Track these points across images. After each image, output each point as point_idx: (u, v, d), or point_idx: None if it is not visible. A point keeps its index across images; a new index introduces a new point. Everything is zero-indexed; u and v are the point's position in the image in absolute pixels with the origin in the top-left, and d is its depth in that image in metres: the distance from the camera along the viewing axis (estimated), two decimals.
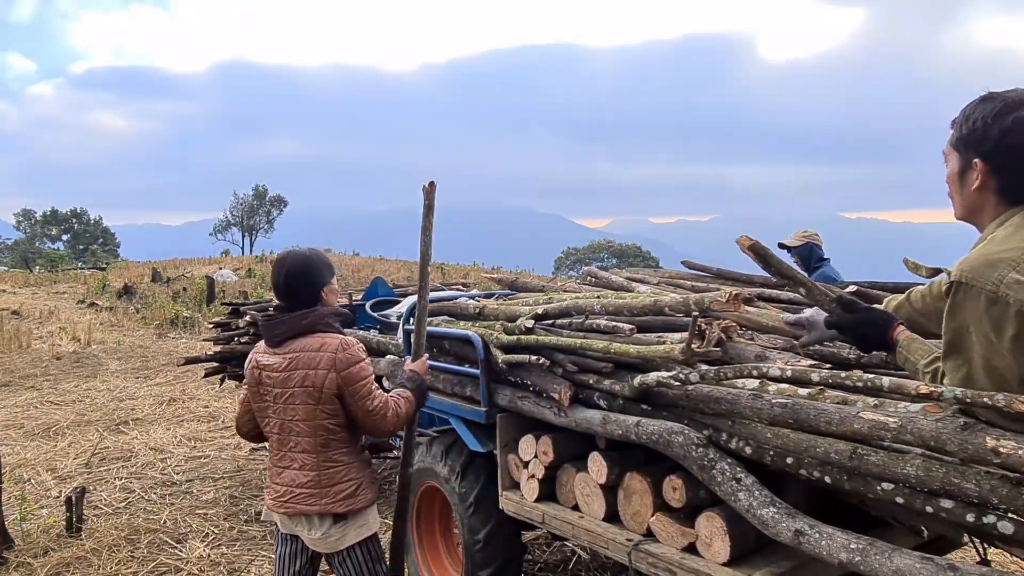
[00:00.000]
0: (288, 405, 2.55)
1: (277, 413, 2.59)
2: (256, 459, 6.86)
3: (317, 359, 2.49)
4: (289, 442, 2.59)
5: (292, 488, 2.58)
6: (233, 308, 6.18)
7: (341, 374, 2.49)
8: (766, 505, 2.00)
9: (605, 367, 2.60)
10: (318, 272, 2.61)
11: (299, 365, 2.51)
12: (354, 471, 2.60)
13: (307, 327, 2.53)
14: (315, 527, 2.58)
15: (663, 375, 2.25)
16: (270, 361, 2.58)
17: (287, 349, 2.54)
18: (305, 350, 2.51)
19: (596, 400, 2.64)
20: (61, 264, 37.30)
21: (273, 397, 2.58)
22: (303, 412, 2.53)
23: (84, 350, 13.87)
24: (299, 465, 2.57)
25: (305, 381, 2.50)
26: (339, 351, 2.50)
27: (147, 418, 8.62)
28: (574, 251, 65.47)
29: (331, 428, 2.54)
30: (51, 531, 4.99)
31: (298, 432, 2.56)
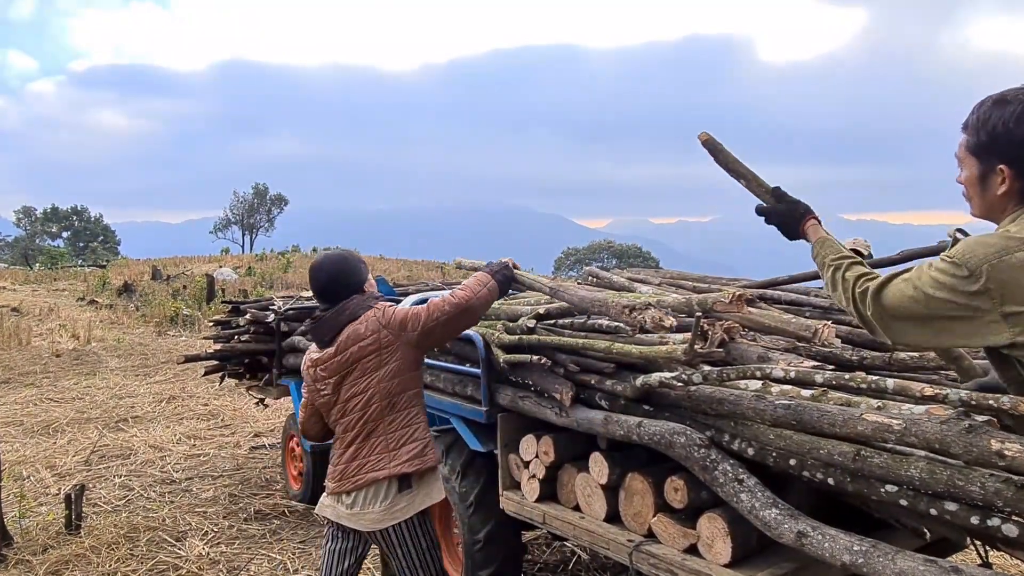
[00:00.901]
0: (350, 385, 2.60)
1: (339, 403, 2.64)
2: (255, 458, 6.86)
3: (362, 330, 2.57)
4: (351, 423, 2.63)
5: (360, 460, 2.61)
6: (233, 306, 6.15)
7: (390, 325, 2.56)
8: (768, 507, 1.99)
9: (607, 367, 2.60)
10: (355, 271, 2.69)
11: (349, 344, 2.58)
12: (420, 431, 2.66)
13: (350, 316, 2.60)
14: (381, 497, 2.59)
15: (666, 376, 2.25)
16: (321, 355, 2.65)
17: (336, 342, 2.61)
18: (351, 333, 2.59)
19: (598, 400, 2.63)
20: (61, 261, 37.31)
21: (333, 386, 2.63)
22: (365, 384, 2.58)
23: (84, 347, 13.87)
24: (365, 435, 2.61)
25: (360, 353, 2.57)
26: (377, 313, 2.60)
27: (147, 416, 8.61)
28: (574, 251, 65.45)
29: (393, 390, 2.60)
30: (50, 528, 4.98)
31: (362, 406, 2.60)
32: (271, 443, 7.28)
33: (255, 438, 7.56)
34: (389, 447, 2.59)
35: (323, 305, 2.70)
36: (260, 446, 7.22)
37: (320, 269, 2.67)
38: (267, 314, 5.57)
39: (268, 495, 5.75)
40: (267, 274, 27.50)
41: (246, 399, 8.97)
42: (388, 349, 2.57)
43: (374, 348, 2.56)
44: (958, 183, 1.95)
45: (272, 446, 7.18)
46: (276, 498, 5.64)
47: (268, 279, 26.28)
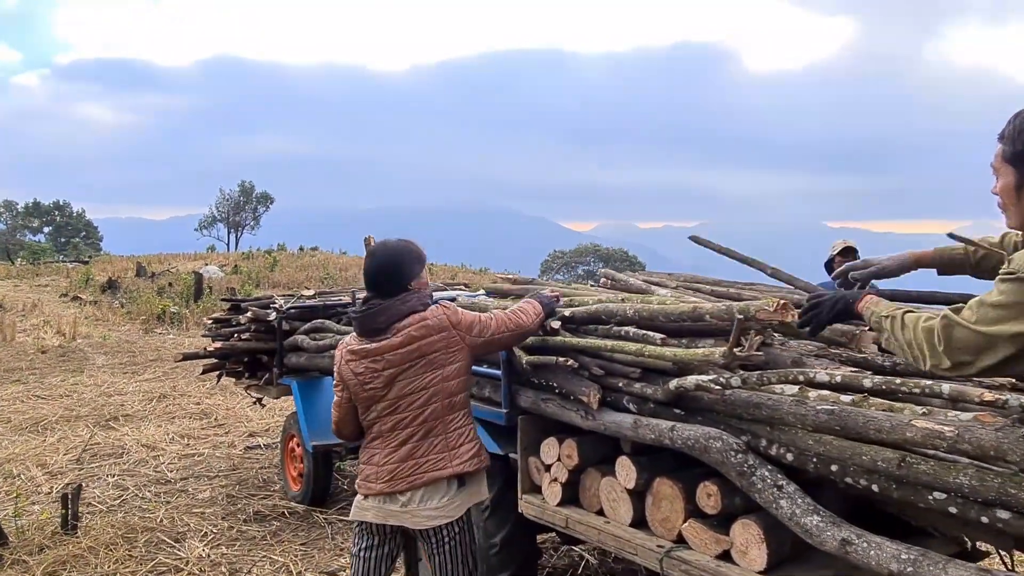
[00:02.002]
0: (410, 379, 2.57)
1: (395, 394, 2.60)
2: (251, 458, 6.78)
3: (432, 323, 2.57)
4: (403, 422, 2.60)
5: (416, 460, 2.59)
6: (233, 304, 6.08)
7: (460, 326, 2.60)
8: (809, 513, 1.97)
9: (633, 371, 2.57)
10: (407, 265, 2.66)
11: (414, 339, 2.56)
12: (474, 432, 2.72)
13: (411, 308, 2.59)
14: (440, 495, 2.60)
15: (703, 379, 2.22)
16: (374, 345, 2.59)
17: (394, 332, 2.57)
18: (415, 325, 2.57)
19: (625, 404, 2.60)
20: (43, 257, 36.82)
21: (387, 380, 2.58)
22: (428, 380, 2.58)
23: (69, 344, 13.68)
24: (423, 435, 2.60)
25: (428, 348, 2.56)
26: (447, 312, 2.61)
27: (137, 414, 8.50)
28: (561, 254, 65.44)
29: (454, 390, 2.62)
30: (46, 528, 4.88)
31: (420, 405, 2.59)
32: (267, 443, 7.20)
33: (250, 438, 7.47)
34: (449, 446, 2.61)
35: (371, 293, 2.67)
36: (256, 446, 7.14)
37: (373, 257, 2.68)
38: (269, 312, 5.50)
39: (267, 496, 5.67)
40: (254, 272, 27.26)
41: (239, 398, 8.87)
42: (454, 349, 2.59)
43: (442, 345, 2.57)
44: (993, 193, 1.95)
45: (268, 446, 7.10)
46: (275, 499, 5.57)
47: (255, 278, 26.05)
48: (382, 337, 2.58)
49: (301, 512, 5.31)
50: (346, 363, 2.66)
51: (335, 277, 27.27)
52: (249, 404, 8.54)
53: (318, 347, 4.93)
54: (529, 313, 2.80)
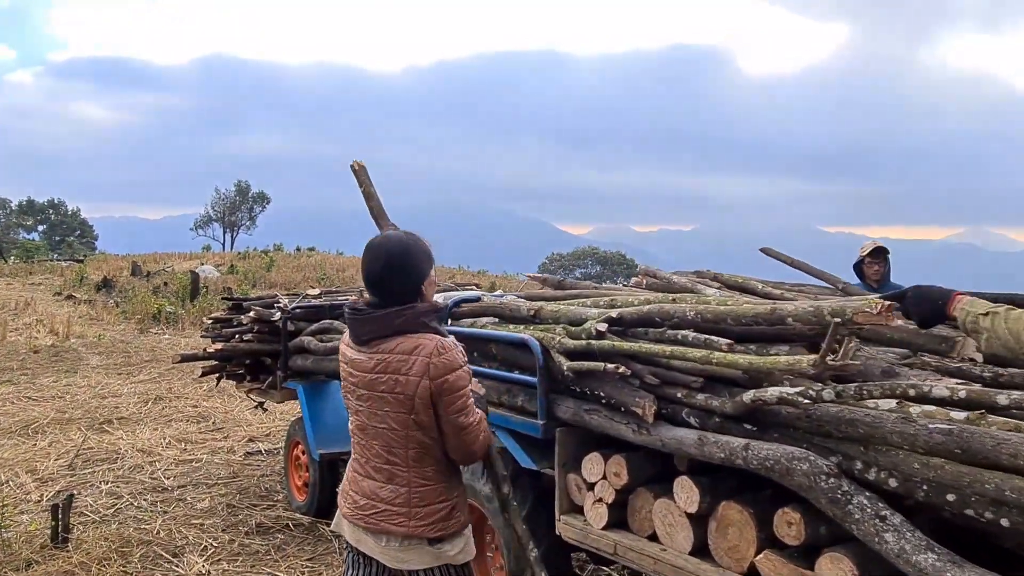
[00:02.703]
0: (376, 411, 2.23)
1: (362, 415, 2.28)
2: (252, 464, 6.48)
3: (410, 363, 2.15)
4: (373, 449, 2.27)
5: (375, 502, 2.25)
6: (235, 303, 5.78)
7: (435, 382, 2.14)
8: (922, 550, 1.69)
9: (695, 380, 2.29)
10: (417, 264, 2.25)
11: (389, 368, 2.18)
12: (448, 491, 2.27)
13: (400, 327, 2.19)
14: (397, 546, 2.25)
15: (787, 391, 1.94)
16: (356, 357, 2.26)
17: (375, 349, 2.21)
18: (396, 352, 2.17)
19: (684, 417, 2.32)
20: (36, 255, 36.40)
21: (357, 397, 2.28)
22: (394, 420, 2.20)
23: (63, 344, 13.34)
24: (386, 477, 2.24)
25: (396, 388, 2.17)
26: (434, 355, 2.15)
27: (132, 417, 8.18)
28: (559, 256, 65.30)
29: (425, 442, 2.21)
30: (34, 541, 4.57)
31: (387, 441, 2.23)
32: (267, 448, 6.90)
33: (249, 443, 7.17)
34: (411, 502, 2.22)
35: (371, 295, 2.29)
36: (256, 451, 6.83)
37: (375, 254, 2.24)
38: (273, 312, 5.22)
39: (270, 506, 5.37)
40: (250, 272, 26.92)
41: (238, 400, 8.57)
42: (423, 401, 2.16)
43: (410, 390, 2.15)
44: None
45: (269, 452, 6.80)
46: (278, 510, 5.27)
47: (251, 277, 25.72)
48: (363, 350, 2.24)
49: (307, 524, 5.01)
50: (341, 361, 2.36)
51: (332, 277, 26.95)
52: (249, 407, 8.24)
53: (326, 349, 4.65)
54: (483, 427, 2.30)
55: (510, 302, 3.18)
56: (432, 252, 2.32)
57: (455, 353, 2.19)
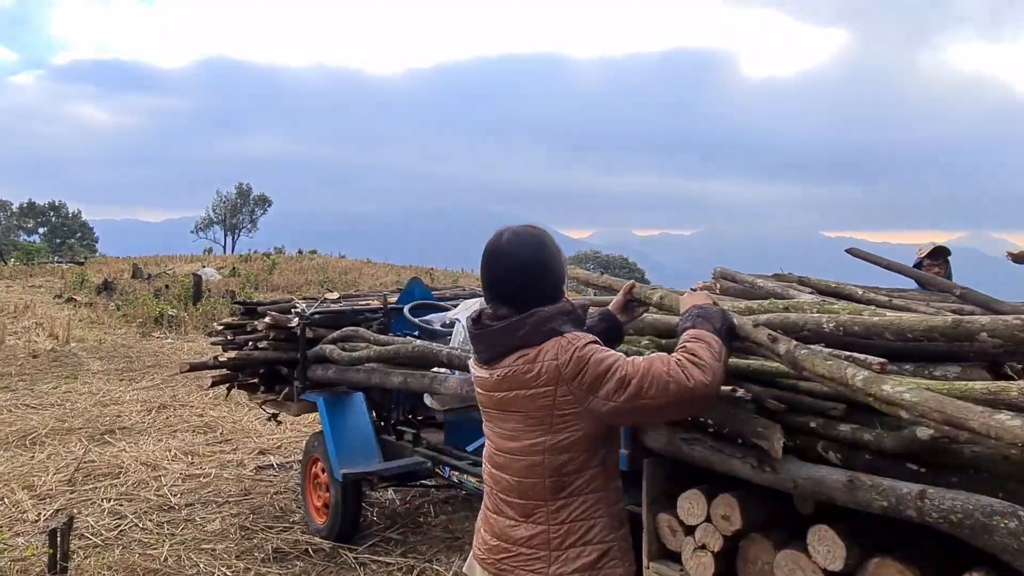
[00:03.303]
0: (505, 434, 1.86)
1: (491, 440, 1.92)
2: (264, 480, 6.06)
3: (535, 372, 1.76)
4: (504, 479, 1.88)
5: (507, 544, 1.85)
6: (248, 308, 5.37)
7: (574, 383, 1.74)
8: None
9: (835, 407, 1.88)
10: (550, 266, 1.87)
11: (515, 383, 1.80)
12: (598, 531, 1.84)
13: (525, 339, 1.80)
14: None
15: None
16: (480, 374, 1.91)
17: (495, 366, 1.84)
18: (519, 362, 1.79)
19: (821, 452, 1.91)
20: (37, 257, 35.99)
21: (487, 419, 1.93)
22: (527, 444, 1.81)
23: (62, 348, 12.93)
24: (520, 513, 1.84)
25: (525, 406, 1.79)
26: (560, 354, 1.75)
27: (135, 427, 7.77)
28: None
29: (568, 468, 1.81)
30: (31, 569, 4.16)
31: (518, 470, 1.84)
32: (279, 462, 6.49)
33: (260, 456, 6.75)
34: (551, 544, 1.80)
35: (490, 303, 1.90)
36: (268, 465, 6.42)
37: (496, 257, 1.87)
38: (290, 318, 4.80)
39: (286, 528, 4.95)
40: (252, 275, 26.53)
41: (246, 409, 8.16)
42: (564, 412, 1.77)
43: (546, 403, 1.76)
44: None
45: (281, 466, 6.39)
46: (296, 533, 4.85)
47: (253, 280, 25.33)
48: (488, 369, 1.87)
49: (327, 550, 4.58)
50: (471, 371, 2.00)
51: (335, 280, 26.58)
52: (258, 417, 7.82)
53: (351, 359, 4.23)
54: (703, 359, 1.74)
55: None
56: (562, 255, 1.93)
57: (580, 341, 1.78)
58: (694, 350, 1.77)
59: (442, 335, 4.76)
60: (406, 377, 3.74)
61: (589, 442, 1.82)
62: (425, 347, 3.57)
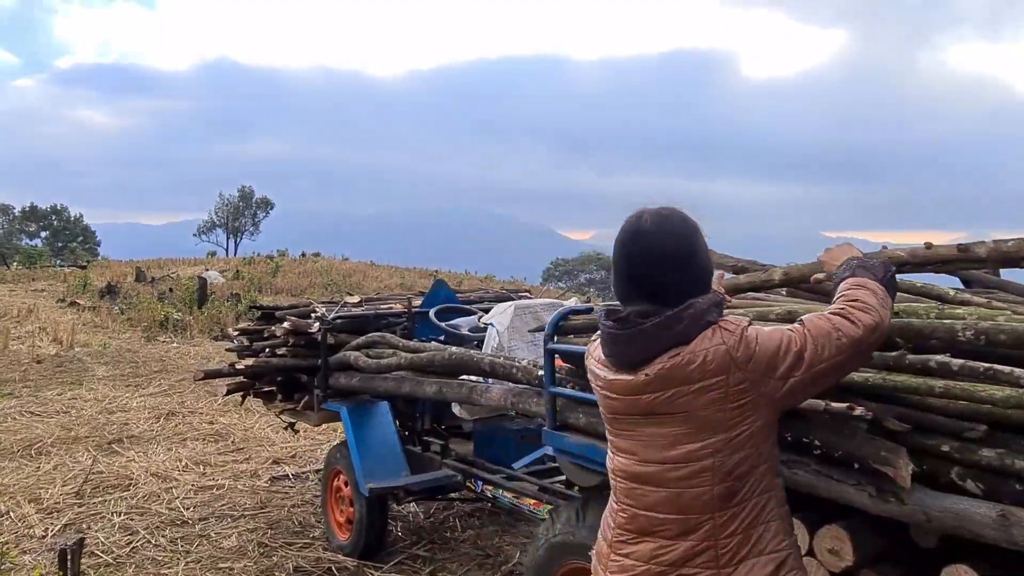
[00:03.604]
0: (655, 443, 1.60)
1: (629, 451, 1.66)
2: (279, 491, 5.81)
3: (700, 364, 1.53)
4: (651, 495, 1.62)
5: (659, 569, 1.59)
6: (264, 312, 5.12)
7: (749, 367, 1.52)
8: None
9: (975, 429, 1.63)
10: (700, 253, 1.64)
11: (673, 381, 1.55)
12: (774, 535, 1.59)
13: (680, 336, 1.56)
14: None
15: None
16: (615, 377, 1.65)
17: (644, 367, 1.59)
18: (674, 359, 1.55)
19: (957, 480, 1.66)
20: (39, 261, 35.82)
21: (621, 427, 1.67)
22: (690, 451, 1.56)
23: (67, 353, 12.68)
24: (677, 531, 1.58)
25: (688, 405, 1.55)
26: (727, 338, 1.53)
27: (144, 435, 7.52)
28: (563, 262, 64.74)
29: (740, 470, 1.57)
30: None
31: (677, 480, 1.58)
32: (295, 472, 6.24)
33: (274, 465, 6.51)
34: (719, 561, 1.55)
35: (625, 299, 1.65)
36: (283, 476, 6.17)
37: (634, 242, 1.63)
38: (311, 323, 4.56)
39: (306, 545, 4.70)
40: (255, 278, 26.35)
41: (257, 415, 7.92)
42: (739, 402, 1.53)
43: (716, 397, 1.53)
44: None
45: (297, 476, 6.14)
46: (317, 550, 4.60)
47: (257, 283, 25.15)
48: (629, 372, 1.62)
49: (352, 568, 4.33)
50: (591, 374, 1.76)
51: (339, 283, 26.40)
52: (271, 424, 7.60)
53: (378, 367, 3.99)
54: (867, 302, 1.59)
55: None
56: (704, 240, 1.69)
57: (738, 320, 1.59)
58: (856, 296, 1.61)
59: (470, 340, 4.53)
60: (441, 386, 3.49)
61: (762, 435, 1.59)
62: (464, 354, 3.32)
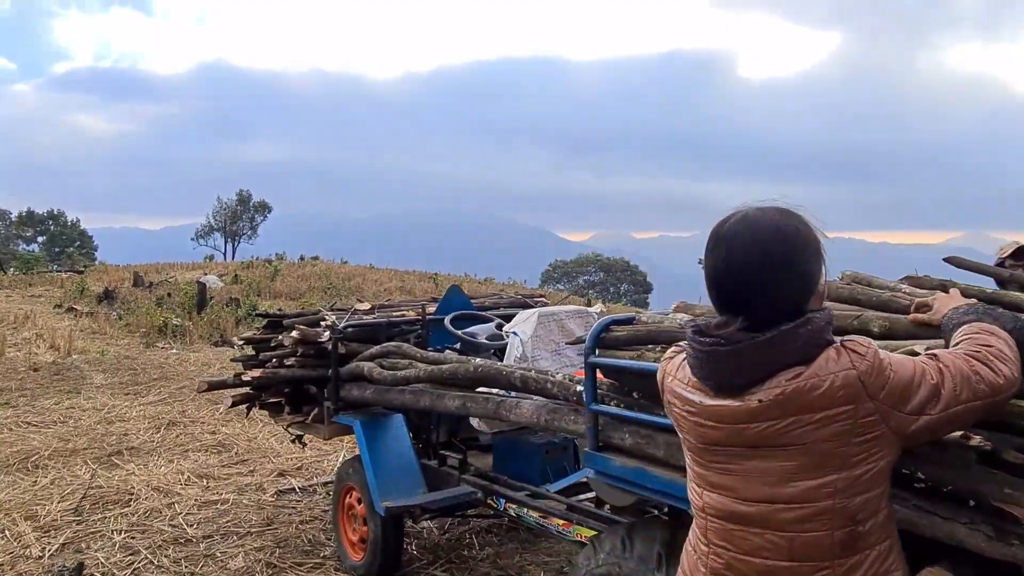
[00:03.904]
0: (761, 479, 1.38)
1: (726, 487, 1.43)
2: (286, 506, 5.58)
3: (826, 391, 1.31)
4: (755, 540, 1.40)
5: None
6: (270, 320, 4.88)
7: (881, 397, 1.31)
8: None
9: None
10: (805, 264, 1.39)
11: (790, 410, 1.33)
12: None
13: (797, 355, 1.34)
14: None
15: None
16: (710, 402, 1.42)
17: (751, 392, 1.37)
18: (793, 382, 1.33)
19: None
20: (36, 266, 35.55)
21: (717, 460, 1.44)
22: (807, 489, 1.34)
23: (64, 360, 12.44)
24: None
25: (807, 436, 1.33)
26: (856, 361, 1.31)
27: (144, 447, 7.28)
28: (561, 264, 64.58)
29: (863, 514, 1.35)
30: None
31: (789, 523, 1.36)
32: (302, 485, 6.01)
33: (280, 478, 6.27)
34: None
35: (725, 310, 1.42)
36: (289, 489, 5.94)
37: (731, 246, 1.40)
38: (321, 332, 4.34)
39: (317, 565, 4.47)
40: (254, 282, 26.11)
41: (261, 425, 7.69)
42: (866, 436, 1.32)
43: (841, 429, 1.32)
44: None
45: (304, 490, 5.91)
46: (329, 570, 4.38)
47: (256, 287, 24.92)
48: (732, 398, 1.40)
49: None
50: (675, 397, 1.52)
51: (339, 287, 26.18)
52: (274, 433, 7.37)
53: (394, 379, 3.77)
54: (1004, 352, 1.40)
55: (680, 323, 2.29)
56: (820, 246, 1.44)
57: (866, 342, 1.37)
58: (989, 342, 1.42)
59: (486, 349, 4.31)
60: (465, 401, 3.26)
61: (884, 474, 1.38)
62: (490, 367, 3.09)
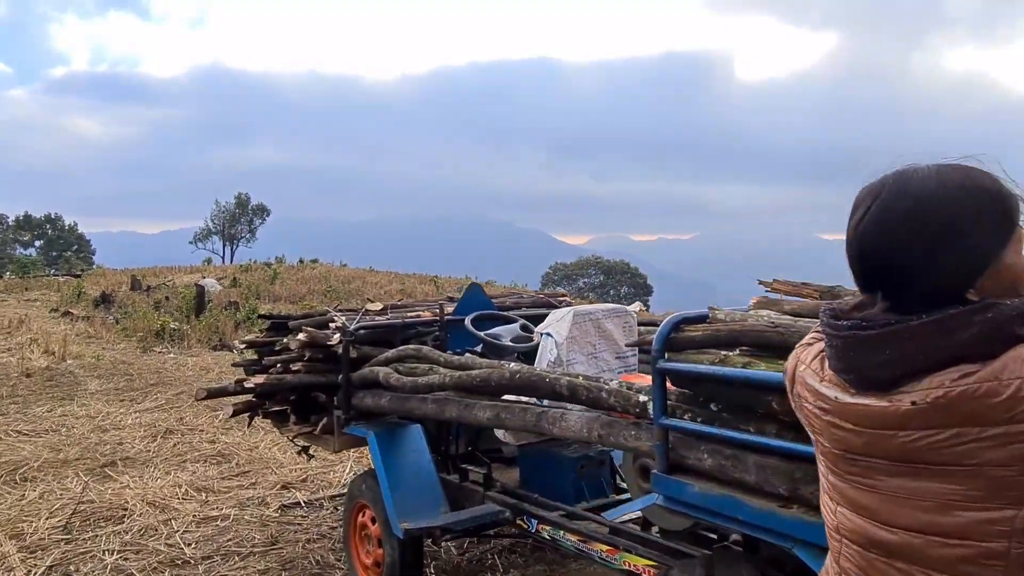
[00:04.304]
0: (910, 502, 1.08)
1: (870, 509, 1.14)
2: (291, 522, 5.20)
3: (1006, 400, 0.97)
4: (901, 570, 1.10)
5: None
6: (274, 322, 4.51)
7: None
8: None
9: None
10: (973, 225, 1.05)
11: (953, 419, 1.01)
12: None
13: (967, 347, 1.01)
14: None
15: None
16: (851, 400, 1.11)
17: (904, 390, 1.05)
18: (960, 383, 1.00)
19: None
20: (33, 270, 35.13)
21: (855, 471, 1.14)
22: (973, 522, 1.03)
23: (58, 365, 12.04)
24: None
25: (975, 455, 1.01)
26: None
27: (139, 457, 6.90)
28: (561, 267, 64.20)
29: None
30: None
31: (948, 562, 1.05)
32: (307, 499, 5.63)
33: (283, 491, 5.89)
34: None
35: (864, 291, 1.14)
36: (294, 504, 5.56)
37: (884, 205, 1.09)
38: (329, 334, 3.96)
39: None
40: (253, 286, 25.72)
41: (262, 433, 7.29)
42: None
43: (1019, 452, 1.00)
44: None
45: (309, 504, 5.53)
46: None
47: (255, 290, 24.52)
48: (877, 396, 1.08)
49: None
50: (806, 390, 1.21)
51: (339, 290, 25.79)
52: (276, 442, 6.99)
53: (415, 386, 3.39)
54: None
55: (789, 321, 1.91)
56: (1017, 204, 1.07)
57: None
58: None
59: (511, 352, 3.95)
60: (499, 411, 2.89)
61: None
62: (531, 373, 2.72)
